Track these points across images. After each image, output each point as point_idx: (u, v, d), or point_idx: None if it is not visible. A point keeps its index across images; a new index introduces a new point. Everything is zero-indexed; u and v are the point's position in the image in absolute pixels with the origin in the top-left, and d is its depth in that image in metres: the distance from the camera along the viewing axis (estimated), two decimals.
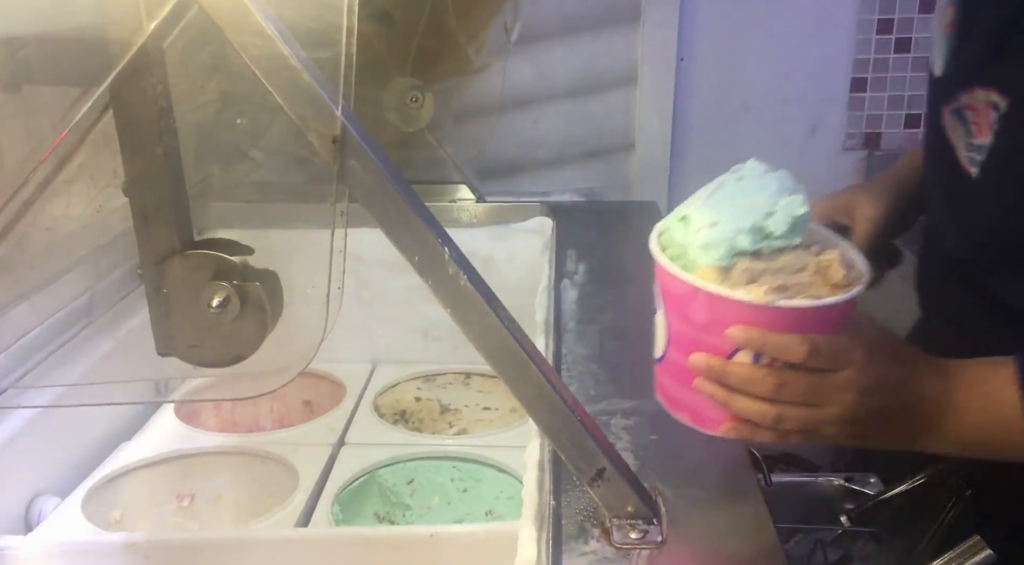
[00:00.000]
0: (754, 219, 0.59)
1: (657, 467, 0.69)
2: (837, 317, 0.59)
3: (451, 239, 0.58)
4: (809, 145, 1.45)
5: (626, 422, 0.75)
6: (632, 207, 1.42)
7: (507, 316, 0.59)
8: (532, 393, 0.59)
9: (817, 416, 0.61)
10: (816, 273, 0.59)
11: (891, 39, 1.38)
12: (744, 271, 0.59)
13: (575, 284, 1.07)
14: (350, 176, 0.54)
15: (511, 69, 1.42)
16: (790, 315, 0.58)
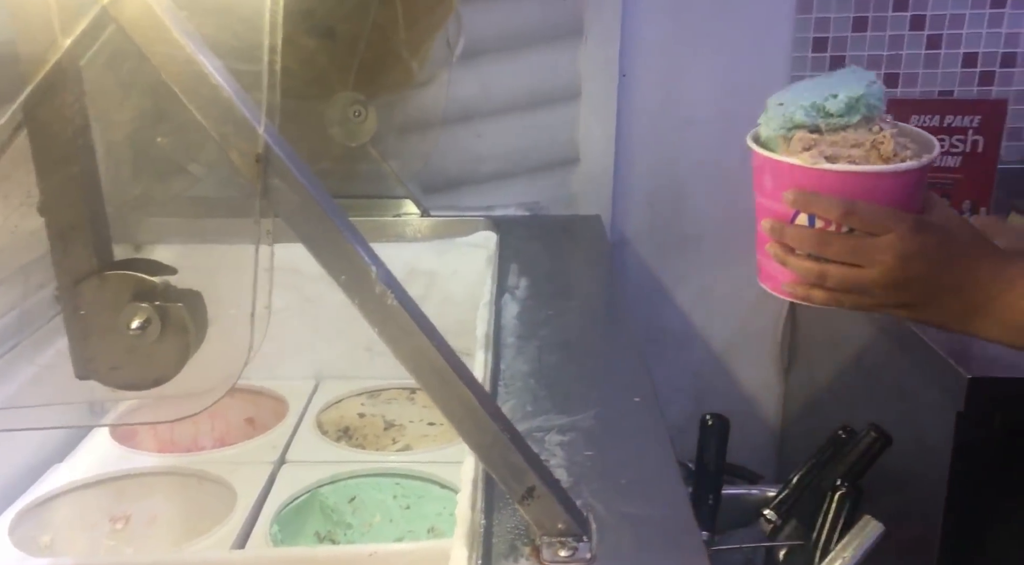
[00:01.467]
0: (814, 98, 0.69)
1: (590, 483, 0.69)
2: (884, 186, 0.66)
3: (379, 257, 0.58)
4: (749, 159, 1.47)
5: (561, 438, 0.75)
6: (576, 221, 1.43)
7: (436, 334, 0.59)
8: (461, 412, 0.59)
9: (859, 276, 0.67)
10: (871, 149, 0.67)
11: (826, 57, 1.41)
12: (800, 140, 0.69)
13: (516, 299, 1.07)
14: (274, 194, 0.54)
15: (455, 83, 1.42)
16: (833, 178, 0.66)
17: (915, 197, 0.68)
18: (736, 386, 1.59)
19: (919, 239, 0.65)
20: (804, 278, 0.70)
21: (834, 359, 1.38)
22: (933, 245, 0.65)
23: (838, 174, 0.66)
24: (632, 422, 0.79)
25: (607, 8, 1.38)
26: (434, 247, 1.36)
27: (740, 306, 1.55)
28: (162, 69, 0.50)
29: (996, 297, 0.65)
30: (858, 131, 0.68)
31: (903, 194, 0.67)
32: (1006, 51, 1.38)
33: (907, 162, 0.67)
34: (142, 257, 0.56)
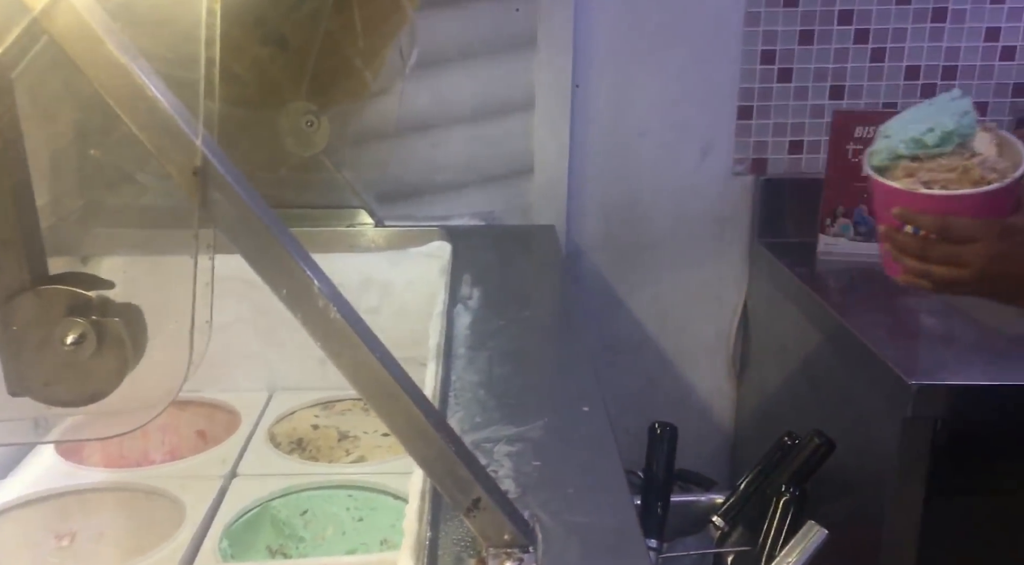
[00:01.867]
0: (914, 133, 0.83)
1: (537, 493, 0.69)
2: (973, 203, 0.81)
3: (322, 270, 0.57)
4: (701, 169, 1.49)
5: (510, 449, 0.76)
6: (530, 231, 1.44)
7: (380, 347, 0.58)
8: (405, 425, 0.59)
9: (956, 275, 0.83)
10: (963, 173, 0.81)
11: (774, 69, 1.44)
12: (903, 168, 0.84)
13: (469, 309, 1.08)
14: (213, 207, 0.53)
15: (409, 94, 1.43)
16: (930, 200, 0.82)
17: (1003, 207, 0.83)
18: (689, 393, 1.61)
19: (1004, 244, 0.81)
20: (913, 273, 0.85)
21: (783, 366, 1.40)
22: (1016, 247, 0.81)
23: (933, 197, 0.82)
24: (580, 431, 0.80)
25: (559, 20, 1.39)
26: (389, 257, 1.36)
27: (692, 314, 1.56)
28: (96, 81, 0.49)
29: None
30: (951, 158, 0.82)
31: (990, 207, 0.82)
32: (946, 64, 1.42)
33: (992, 185, 0.81)
34: (79, 271, 0.55)
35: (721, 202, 1.51)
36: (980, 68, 1.41)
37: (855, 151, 1.35)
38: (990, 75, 1.41)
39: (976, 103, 1.40)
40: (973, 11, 1.39)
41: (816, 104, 1.45)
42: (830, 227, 1.40)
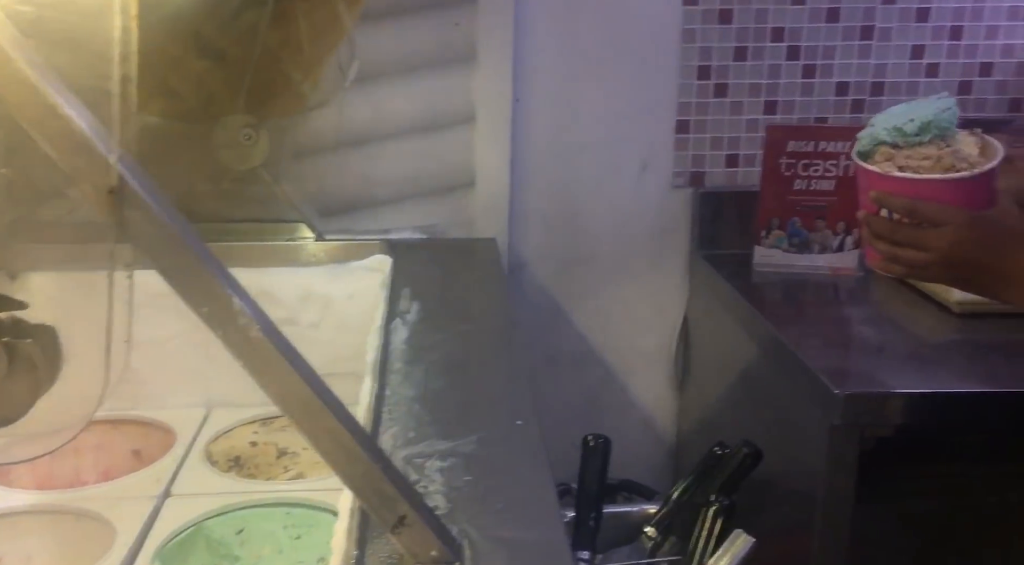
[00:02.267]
0: (896, 122, 0.87)
1: (468, 509, 0.69)
2: (945, 189, 0.85)
3: (243, 289, 0.57)
4: (641, 182, 1.51)
5: (442, 464, 0.76)
6: (472, 244, 1.44)
7: (303, 365, 0.58)
8: (330, 443, 0.58)
9: (921, 258, 0.86)
10: (936, 161, 0.85)
11: (710, 84, 1.46)
12: (882, 154, 0.88)
13: (407, 323, 1.08)
14: (131, 227, 0.53)
15: (350, 107, 1.42)
16: (902, 184, 0.86)
17: (973, 198, 0.86)
18: (632, 404, 1.62)
19: (969, 231, 0.84)
20: (884, 257, 0.89)
21: (722, 377, 1.42)
22: (982, 235, 0.84)
23: (904, 180, 0.86)
24: (513, 445, 0.80)
25: (499, 34, 1.40)
26: (329, 271, 1.35)
27: (634, 326, 1.58)
28: (6, 100, 0.48)
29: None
30: (928, 147, 0.86)
31: (960, 196, 0.85)
32: (875, 81, 1.46)
33: (961, 173, 0.85)
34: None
35: (661, 215, 1.53)
36: (906, 84, 1.46)
37: (788, 164, 1.39)
38: (916, 91, 1.46)
39: None
40: (899, 29, 1.44)
41: (751, 118, 1.48)
42: (765, 239, 1.43)
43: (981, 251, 0.84)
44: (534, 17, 1.43)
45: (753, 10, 1.43)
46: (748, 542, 0.84)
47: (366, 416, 0.85)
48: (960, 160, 0.86)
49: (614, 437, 1.63)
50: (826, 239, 1.40)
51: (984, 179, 0.86)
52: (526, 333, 1.58)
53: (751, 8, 1.43)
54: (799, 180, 1.39)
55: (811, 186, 1.39)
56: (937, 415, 1.03)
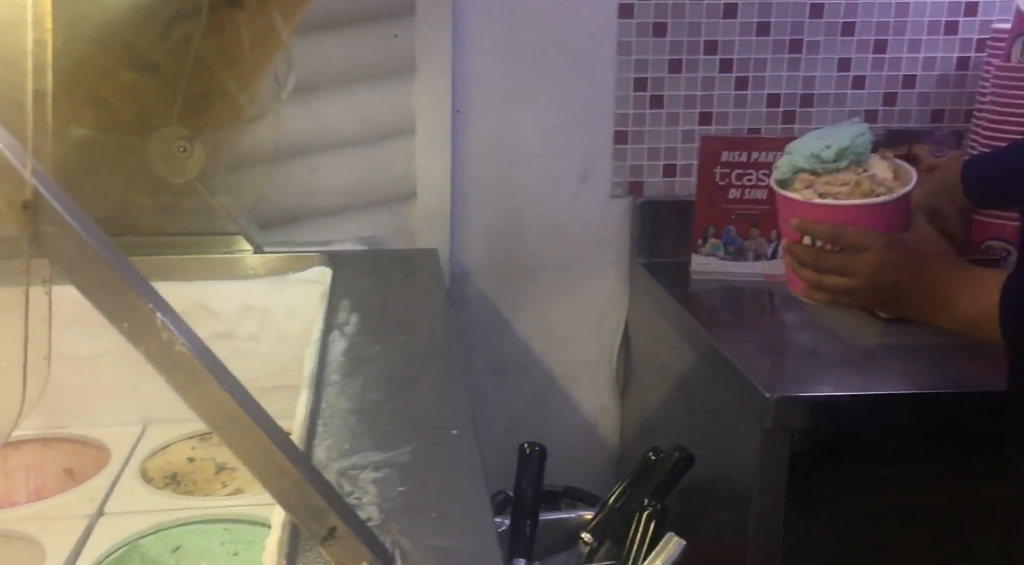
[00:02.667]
0: (813, 149, 0.88)
1: (401, 519, 0.69)
2: (864, 214, 0.86)
3: (166, 303, 0.57)
4: (581, 192, 1.53)
5: (376, 475, 0.76)
6: (413, 255, 1.44)
7: (229, 378, 0.58)
8: (257, 457, 0.58)
9: (846, 284, 0.87)
10: (855, 187, 0.86)
11: (646, 96, 1.49)
12: (801, 181, 0.89)
13: (345, 335, 1.07)
14: (47, 242, 0.52)
15: (288, 118, 1.41)
16: (823, 210, 0.87)
17: (893, 221, 0.88)
18: (576, 411, 1.64)
19: (890, 255, 0.85)
20: (810, 284, 0.90)
21: (662, 383, 1.45)
22: (901, 259, 0.85)
23: (825, 207, 0.87)
24: (448, 455, 0.81)
25: (438, 46, 1.41)
26: (268, 284, 1.34)
27: (577, 334, 1.60)
28: None
29: (951, 298, 0.82)
30: (846, 173, 0.88)
31: (879, 220, 0.87)
32: (804, 93, 1.50)
33: (880, 198, 0.87)
34: None
35: (601, 224, 1.55)
36: (834, 96, 1.51)
37: (722, 174, 1.42)
38: (843, 103, 1.51)
39: None
40: (826, 43, 1.48)
41: (687, 129, 1.51)
42: (702, 247, 1.46)
43: (902, 274, 0.85)
44: (473, 28, 1.44)
45: (686, 24, 1.46)
46: (680, 545, 0.86)
47: (301, 429, 0.84)
48: (877, 184, 0.87)
49: (558, 444, 1.65)
50: (760, 247, 1.43)
51: (902, 202, 0.88)
52: (469, 343, 1.59)
53: (684, 22, 1.46)
54: (733, 189, 1.42)
55: (745, 195, 1.42)
56: (866, 417, 1.06)
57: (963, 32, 1.48)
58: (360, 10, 1.38)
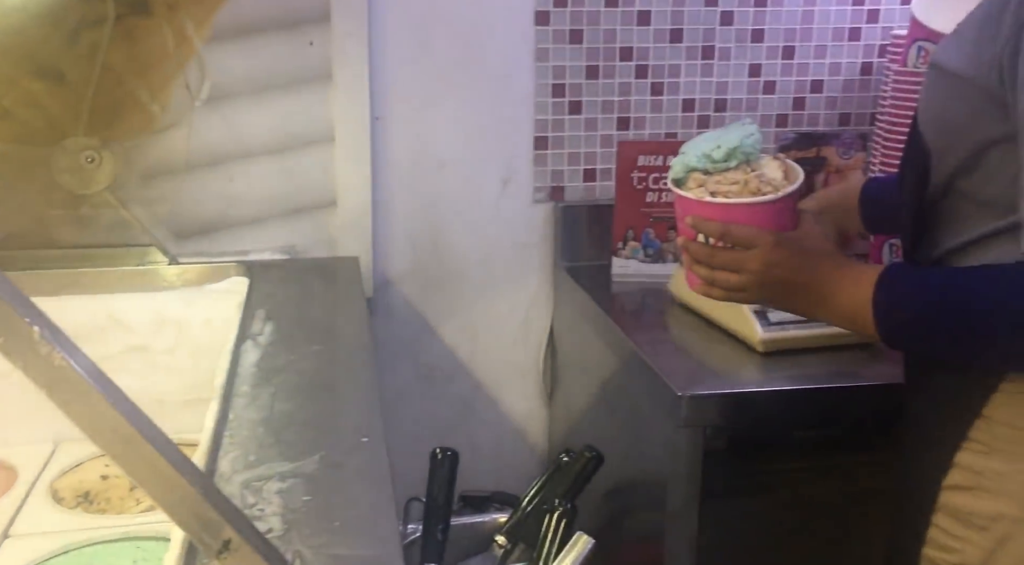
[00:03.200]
0: (704, 149, 0.91)
1: (303, 530, 0.69)
2: (752, 212, 0.88)
3: (45, 316, 0.55)
4: (503, 198, 1.54)
5: (281, 485, 0.75)
6: (333, 263, 1.43)
7: (113, 390, 0.57)
8: (146, 471, 0.57)
9: (736, 280, 0.89)
10: (744, 186, 0.89)
11: (565, 102, 1.51)
12: (694, 180, 0.92)
13: (258, 345, 1.06)
14: None
15: (203, 127, 1.40)
16: (714, 208, 0.89)
17: (781, 219, 0.90)
18: (504, 416, 1.65)
19: (777, 252, 0.86)
20: (704, 281, 0.92)
21: (586, 385, 1.46)
22: (788, 256, 0.86)
23: (716, 205, 0.89)
24: (356, 463, 0.80)
25: (354, 53, 1.41)
26: (183, 295, 1.32)
27: (503, 339, 1.61)
28: None
29: (832, 295, 0.85)
30: (736, 172, 0.90)
31: (767, 218, 0.89)
32: (718, 98, 1.54)
33: (767, 196, 0.89)
34: None
35: (524, 229, 1.57)
36: (746, 101, 1.54)
37: (639, 178, 1.44)
38: (755, 107, 1.55)
39: None
40: (737, 49, 1.52)
41: (605, 134, 1.53)
42: (622, 250, 1.48)
43: (788, 271, 0.86)
44: (390, 36, 1.44)
45: (602, 31, 1.48)
46: (589, 543, 0.87)
47: (207, 441, 0.83)
48: (765, 184, 0.90)
49: (487, 449, 1.66)
50: (678, 249, 1.46)
51: (788, 201, 0.91)
52: (395, 351, 1.58)
53: (600, 29, 1.48)
54: (651, 193, 1.45)
55: (662, 199, 1.45)
56: (774, 412, 1.09)
57: (866, 38, 1.53)
58: (274, 17, 1.37)
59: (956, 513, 0.82)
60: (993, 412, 0.79)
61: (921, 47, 1.30)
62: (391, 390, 1.59)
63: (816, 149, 1.45)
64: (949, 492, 0.82)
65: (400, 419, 1.59)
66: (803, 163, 1.45)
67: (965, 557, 0.81)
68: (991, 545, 0.79)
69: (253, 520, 0.70)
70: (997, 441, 0.79)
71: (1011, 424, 0.78)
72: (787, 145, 1.44)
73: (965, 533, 0.81)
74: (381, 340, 1.57)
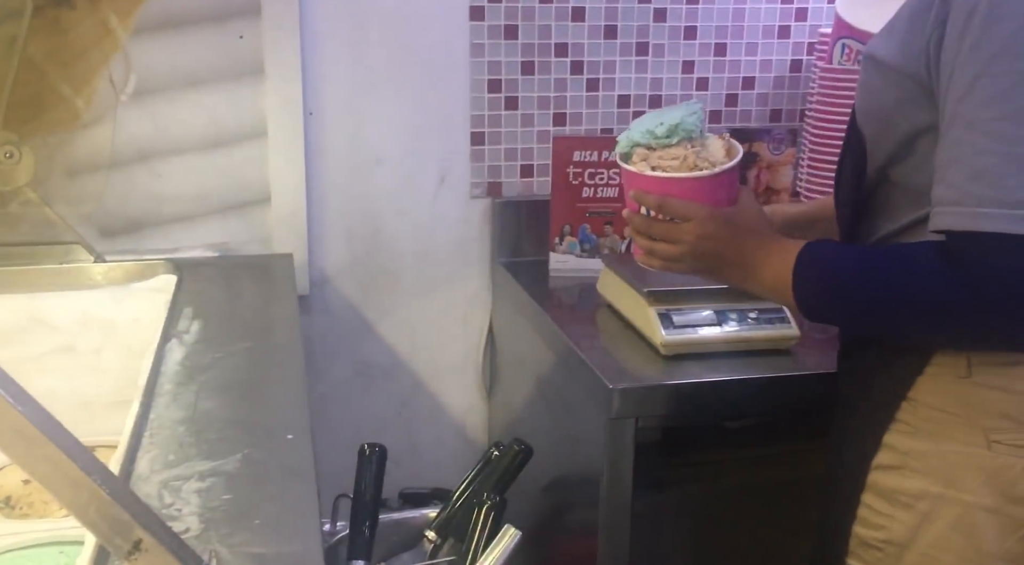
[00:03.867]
0: (648, 125, 0.95)
1: (221, 528, 0.68)
2: (690, 187, 0.92)
3: None
4: (440, 194, 1.54)
5: (200, 485, 0.74)
6: (267, 261, 1.41)
7: (14, 388, 0.55)
8: (49, 470, 0.56)
9: (672, 250, 0.93)
10: (683, 161, 0.92)
11: (501, 97, 1.51)
12: (638, 154, 0.95)
13: (184, 343, 1.04)
14: None
15: (130, 122, 1.36)
16: (654, 182, 0.93)
17: (718, 194, 0.93)
18: (444, 412, 1.64)
19: (709, 225, 0.90)
20: (645, 252, 0.96)
21: (524, 380, 1.47)
22: (718, 229, 0.90)
23: (655, 179, 0.93)
24: (280, 461, 0.80)
25: (286, 47, 1.39)
26: (111, 294, 1.29)
27: (442, 335, 1.60)
28: None
29: (758, 267, 0.89)
30: (677, 149, 0.94)
31: (704, 193, 0.92)
32: (652, 93, 1.56)
33: (704, 172, 0.92)
34: None
35: (462, 225, 1.56)
36: (680, 97, 1.56)
37: (575, 174, 1.45)
38: None
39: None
40: (670, 46, 1.54)
41: (542, 130, 1.54)
42: (559, 245, 1.48)
43: (719, 244, 0.90)
44: (322, 29, 1.42)
45: (536, 26, 1.49)
46: (516, 535, 0.87)
47: (126, 442, 0.82)
48: (703, 160, 0.93)
49: (427, 446, 1.65)
50: (615, 243, 1.47)
51: (724, 177, 0.93)
52: (332, 348, 1.56)
53: (535, 24, 1.49)
54: (587, 188, 1.46)
55: (598, 194, 1.46)
56: (705, 403, 1.10)
57: (795, 36, 1.56)
58: (201, 10, 1.34)
59: (883, 492, 0.85)
60: (918, 395, 0.82)
61: (845, 44, 1.33)
62: (328, 388, 1.58)
63: (748, 145, 1.47)
64: (877, 472, 0.85)
65: (338, 417, 1.58)
66: None
67: (891, 534, 0.84)
68: (916, 521, 0.82)
69: (170, 520, 0.69)
70: (922, 422, 0.82)
71: (935, 406, 0.81)
72: None
73: (891, 510, 0.84)
74: (318, 338, 1.55)
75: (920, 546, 0.82)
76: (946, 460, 0.81)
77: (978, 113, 0.72)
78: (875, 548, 0.85)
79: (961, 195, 0.73)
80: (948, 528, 0.81)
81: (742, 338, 1.12)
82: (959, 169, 0.74)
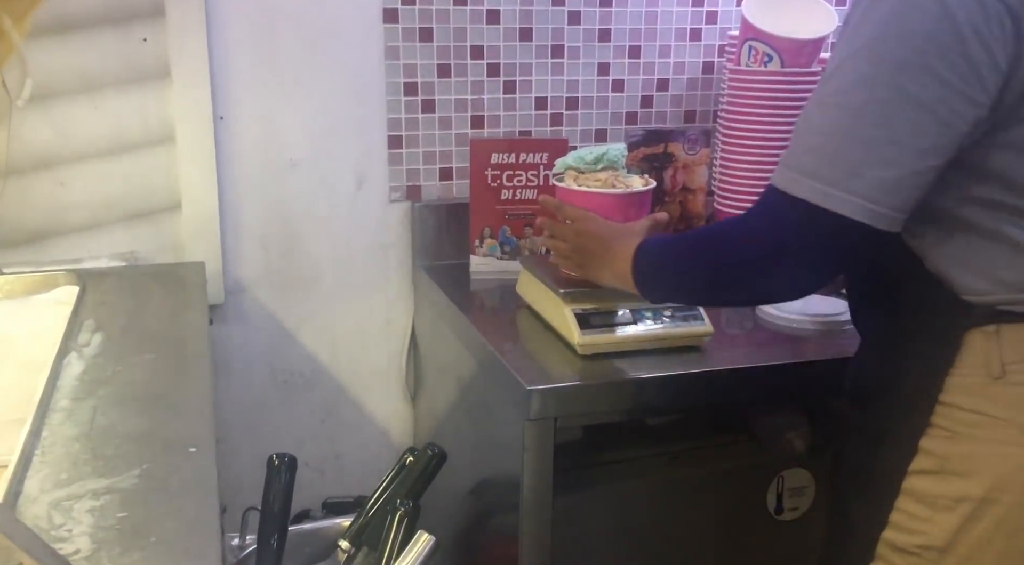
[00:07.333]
0: (580, 154, 1.18)
1: (115, 548, 0.65)
2: (595, 202, 1.13)
3: None
4: (358, 198, 1.52)
5: (94, 503, 0.71)
6: (177, 269, 1.37)
7: None
8: None
9: (561, 246, 1.12)
10: (603, 184, 1.15)
11: (418, 100, 1.49)
12: (569, 176, 1.18)
13: (83, 357, 1.00)
14: None
15: (28, 128, 1.31)
16: (572, 195, 1.15)
17: (629, 212, 1.13)
18: (368, 419, 1.62)
19: (586, 225, 1.08)
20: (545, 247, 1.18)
21: (446, 384, 1.46)
22: (593, 230, 1.07)
23: (580, 192, 1.15)
24: (181, 475, 0.77)
25: (192, 50, 1.35)
26: (8, 307, 1.24)
27: (364, 342, 1.58)
28: None
29: (612, 261, 1.02)
30: (602, 173, 1.16)
31: (618, 209, 1.13)
32: (569, 96, 1.56)
33: (617, 190, 1.15)
34: None
35: (381, 229, 1.54)
36: (596, 99, 1.57)
37: (493, 176, 1.45)
38: (606, 105, 1.58)
39: (597, 130, 1.57)
40: (585, 48, 1.55)
41: (460, 133, 1.53)
42: (479, 248, 1.48)
43: (590, 241, 1.07)
44: (231, 32, 1.39)
45: (451, 29, 1.48)
46: (429, 541, 0.86)
47: (15, 463, 0.78)
48: (620, 184, 1.16)
49: (352, 453, 1.62)
50: (534, 245, 1.47)
51: (636, 198, 1.15)
52: (250, 358, 1.53)
53: (450, 27, 1.48)
54: (505, 190, 1.46)
55: (517, 196, 1.46)
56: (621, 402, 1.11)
57: (706, 39, 1.59)
58: (101, 12, 1.30)
59: (921, 497, 0.84)
60: (952, 398, 0.82)
61: (752, 46, 1.35)
62: (247, 398, 1.54)
63: (663, 145, 1.49)
64: (914, 477, 0.84)
65: (258, 428, 1.54)
66: (651, 159, 1.50)
67: (930, 538, 0.83)
68: (957, 525, 0.82)
69: (59, 542, 0.65)
70: (959, 426, 0.82)
71: (971, 408, 0.81)
72: (636, 142, 1.47)
73: (930, 514, 0.83)
74: (235, 347, 1.52)
75: (961, 549, 0.82)
76: (987, 462, 0.80)
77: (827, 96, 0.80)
78: (911, 553, 0.85)
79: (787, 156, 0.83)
80: (990, 530, 0.80)
81: (657, 336, 1.13)
82: (797, 139, 0.83)
